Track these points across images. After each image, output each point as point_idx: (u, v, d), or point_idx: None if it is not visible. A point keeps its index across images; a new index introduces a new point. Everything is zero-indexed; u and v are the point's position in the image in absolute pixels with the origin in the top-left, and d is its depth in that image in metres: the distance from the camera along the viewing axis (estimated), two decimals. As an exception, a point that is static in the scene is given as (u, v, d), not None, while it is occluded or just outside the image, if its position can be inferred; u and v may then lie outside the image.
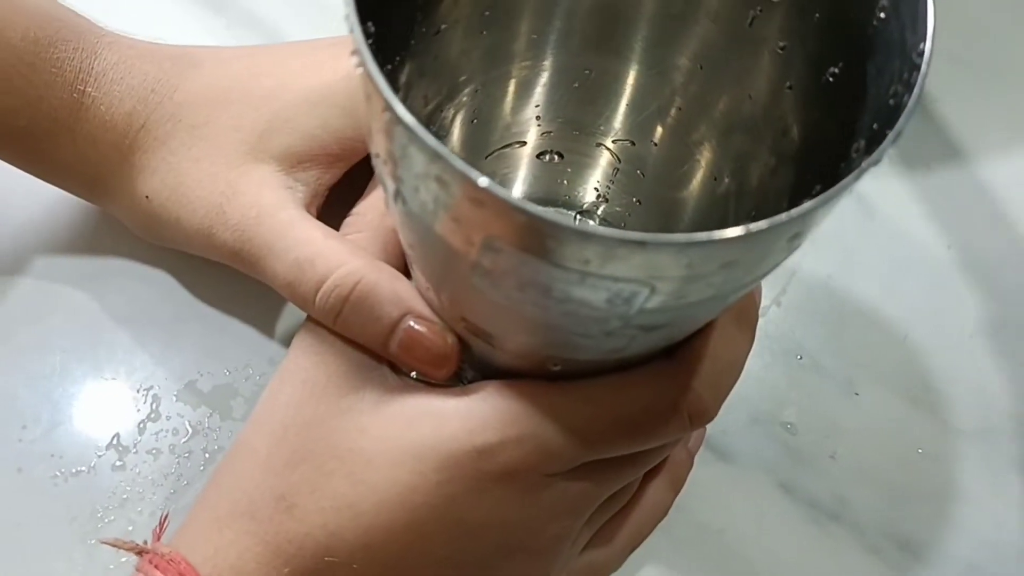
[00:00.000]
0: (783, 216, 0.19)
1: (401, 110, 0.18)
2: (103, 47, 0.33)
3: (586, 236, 0.18)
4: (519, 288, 0.21)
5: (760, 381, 0.39)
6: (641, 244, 0.18)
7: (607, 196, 0.38)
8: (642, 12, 0.30)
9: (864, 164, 0.19)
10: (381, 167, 0.22)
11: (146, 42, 0.34)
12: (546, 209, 0.18)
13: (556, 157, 0.37)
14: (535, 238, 0.19)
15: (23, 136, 0.32)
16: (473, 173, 0.18)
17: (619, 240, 0.18)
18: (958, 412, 0.39)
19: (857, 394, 0.39)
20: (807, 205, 0.19)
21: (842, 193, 0.19)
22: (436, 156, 0.18)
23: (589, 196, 0.38)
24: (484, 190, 0.18)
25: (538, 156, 0.37)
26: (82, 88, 0.32)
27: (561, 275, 0.20)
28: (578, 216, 0.39)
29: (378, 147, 0.22)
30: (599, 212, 0.38)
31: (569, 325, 0.23)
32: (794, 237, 0.20)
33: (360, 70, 0.20)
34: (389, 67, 0.27)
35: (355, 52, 0.20)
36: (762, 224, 0.18)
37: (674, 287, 0.20)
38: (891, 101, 0.22)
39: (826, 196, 0.19)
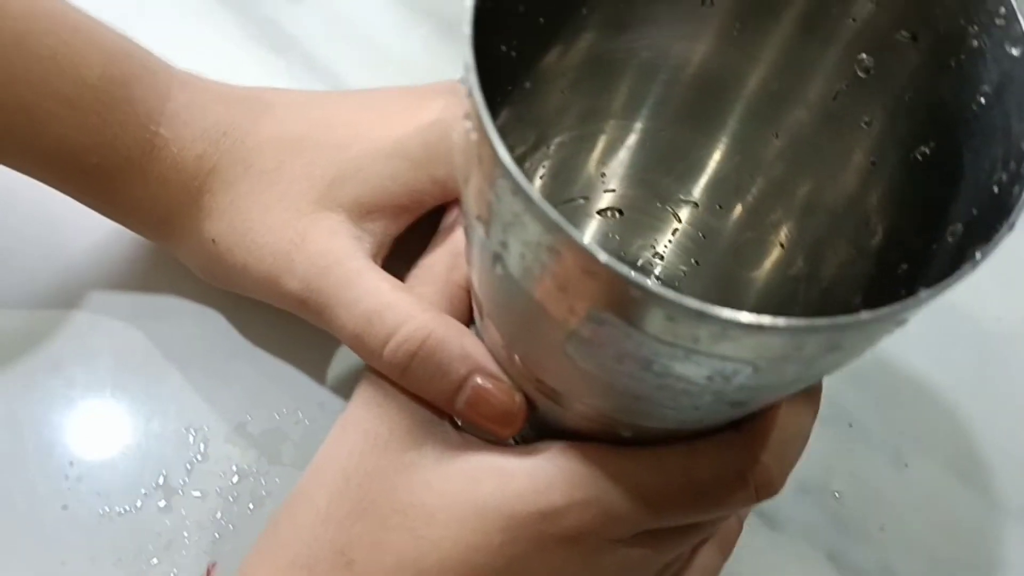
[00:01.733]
0: (897, 305, 0.18)
1: (521, 178, 0.18)
2: (176, 87, 0.33)
3: (702, 316, 0.18)
4: (617, 359, 0.21)
5: (808, 448, 0.38)
6: (757, 327, 0.18)
7: (663, 255, 0.38)
8: (743, 89, 0.30)
9: (979, 257, 0.19)
10: (479, 228, 0.22)
11: (218, 83, 0.34)
12: (663, 287, 0.18)
13: (617, 214, 0.37)
14: (647, 314, 0.19)
15: (94, 174, 0.32)
16: (593, 247, 0.18)
17: (734, 322, 0.18)
18: (1007, 488, 0.39)
19: (907, 465, 0.39)
20: (922, 295, 0.19)
21: (957, 282, 0.19)
22: (554, 227, 0.18)
23: (644, 253, 0.38)
24: (604, 265, 0.18)
25: (598, 212, 0.37)
26: (155, 128, 0.32)
27: (666, 351, 0.20)
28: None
29: (480, 210, 0.21)
30: (656, 272, 0.38)
31: (659, 397, 0.22)
32: (900, 323, 0.20)
33: (474, 135, 0.20)
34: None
35: (469, 116, 0.20)
36: (882, 311, 0.18)
37: (776, 366, 0.20)
38: (995, 188, 0.22)
39: (941, 286, 0.19)
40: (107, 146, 0.31)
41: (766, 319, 0.18)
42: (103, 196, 0.33)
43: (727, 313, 0.18)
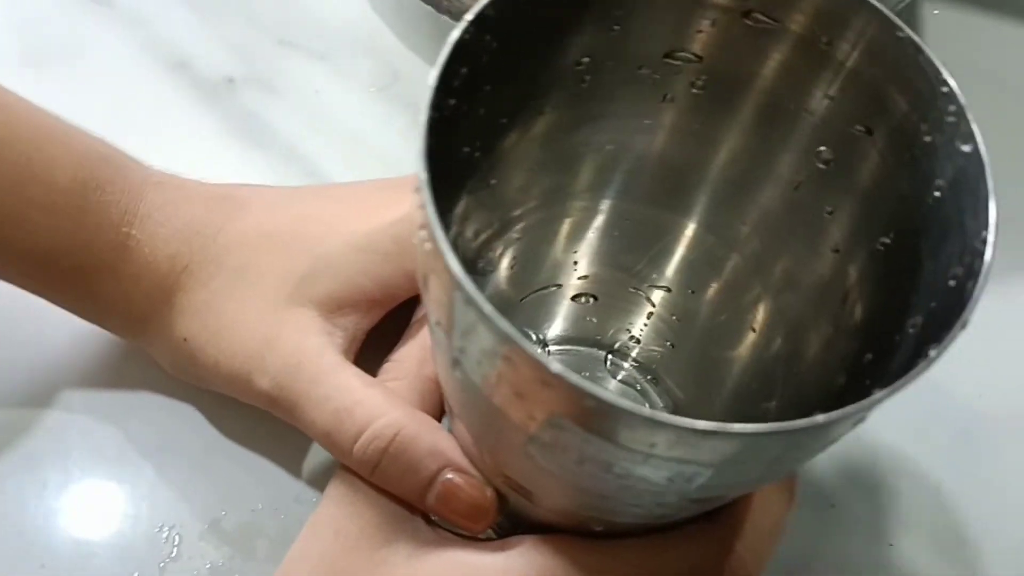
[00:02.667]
0: (852, 408, 0.18)
1: (473, 291, 0.18)
2: (149, 188, 0.33)
3: (655, 424, 0.18)
4: (578, 463, 0.21)
5: (791, 529, 0.38)
6: (713, 433, 0.18)
7: (639, 338, 0.38)
8: (707, 174, 0.30)
9: (933, 355, 0.19)
10: (440, 335, 0.22)
11: (193, 181, 0.35)
12: (616, 396, 0.18)
13: (591, 300, 0.37)
14: (603, 422, 0.19)
15: (68, 275, 0.32)
16: (544, 359, 0.18)
17: (689, 429, 0.18)
18: (993, 565, 0.38)
19: (891, 544, 0.38)
20: (876, 396, 0.19)
21: (911, 382, 0.19)
22: (507, 338, 0.18)
23: (621, 336, 0.38)
24: (555, 375, 0.18)
25: (572, 298, 0.37)
26: (127, 230, 0.32)
27: (625, 455, 0.20)
28: (609, 357, 0.39)
29: (439, 315, 0.22)
30: (632, 355, 0.38)
31: (623, 496, 0.22)
32: (858, 421, 0.20)
33: (428, 246, 0.20)
34: (444, 207, 0.27)
35: (423, 226, 0.20)
36: (834, 415, 0.18)
37: (736, 467, 0.20)
38: (951, 282, 0.22)
39: (895, 387, 0.19)
40: (81, 249, 0.31)
41: (719, 426, 0.18)
42: (77, 297, 0.33)
43: (680, 421, 0.18)
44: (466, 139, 0.26)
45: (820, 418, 0.18)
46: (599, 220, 0.33)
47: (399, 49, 0.48)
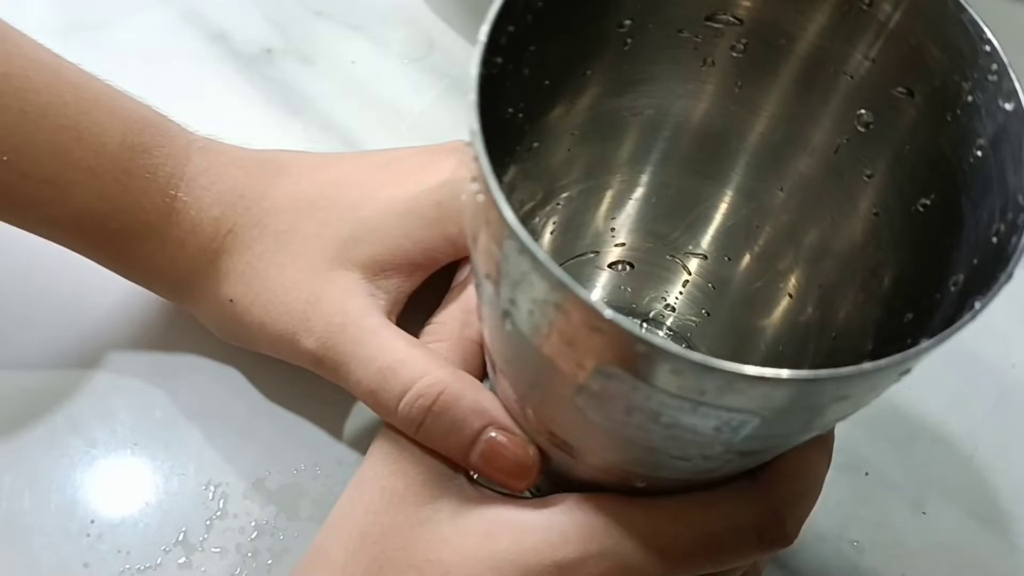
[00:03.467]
0: (899, 356, 0.19)
1: (527, 238, 0.19)
2: (194, 152, 0.34)
3: (706, 369, 0.18)
4: (626, 412, 0.21)
5: (825, 496, 0.38)
6: (761, 379, 0.18)
7: (674, 306, 0.38)
8: (745, 140, 0.30)
9: (978, 306, 0.20)
10: (488, 287, 0.23)
11: (235, 147, 0.35)
12: (667, 341, 0.18)
13: (627, 267, 0.37)
14: (652, 367, 0.19)
15: (114, 238, 0.33)
16: (598, 304, 0.18)
17: (738, 375, 0.18)
18: (1026, 533, 0.39)
19: (925, 512, 0.38)
20: (923, 344, 0.19)
21: (958, 332, 0.19)
22: (560, 285, 0.19)
23: (656, 304, 0.39)
24: (608, 321, 0.18)
25: (609, 266, 0.37)
26: (173, 193, 0.33)
27: (674, 403, 0.20)
28: (644, 325, 0.39)
29: (488, 268, 0.22)
30: (668, 323, 0.38)
31: (669, 448, 0.23)
32: (904, 372, 0.20)
33: (481, 197, 0.20)
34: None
35: (476, 179, 0.20)
36: (882, 363, 0.19)
37: (783, 417, 0.21)
38: (994, 239, 0.22)
39: (942, 336, 0.19)
40: (128, 211, 0.32)
41: (769, 372, 0.18)
42: (124, 259, 0.34)
43: (731, 366, 0.18)
44: (510, 100, 0.26)
45: (868, 365, 0.18)
46: (639, 189, 0.34)
47: (433, 20, 0.49)
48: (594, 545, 0.27)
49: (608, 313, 0.18)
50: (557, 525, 0.27)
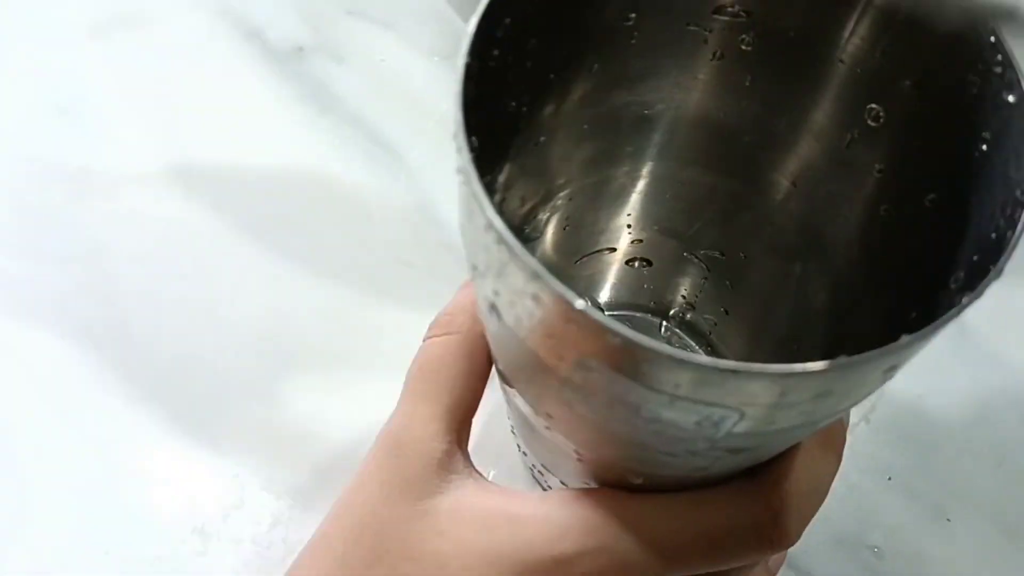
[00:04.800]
0: (876, 352, 0.18)
1: (503, 229, 0.19)
2: None
3: (679, 362, 0.18)
4: (608, 406, 0.21)
5: (845, 500, 0.38)
6: (734, 372, 0.18)
7: (694, 304, 0.38)
8: (744, 129, 0.30)
9: (965, 301, 0.19)
10: (478, 280, 0.23)
11: None
12: (640, 334, 0.18)
13: (645, 265, 0.37)
14: (627, 360, 0.19)
15: None
16: (570, 295, 0.18)
17: (711, 368, 0.18)
18: (1056, 545, 0.37)
19: (949, 520, 0.38)
20: (903, 341, 0.19)
21: (940, 329, 0.19)
22: (535, 275, 0.19)
23: (676, 303, 0.38)
24: (580, 312, 0.18)
25: (627, 263, 0.37)
26: None
27: (651, 397, 0.20)
28: (664, 324, 0.39)
29: (476, 260, 0.22)
30: (687, 318, 0.38)
31: (655, 443, 0.23)
32: (889, 369, 0.20)
33: (465, 188, 0.20)
34: (489, 173, 0.27)
35: (460, 170, 0.21)
36: (856, 358, 0.18)
37: (764, 413, 0.20)
38: (993, 235, 0.21)
39: (923, 333, 0.19)
40: None
41: (741, 365, 0.18)
42: None
43: (702, 359, 0.18)
44: (513, 93, 0.26)
45: (842, 360, 0.18)
46: (650, 184, 0.34)
47: (463, 18, 0.49)
48: (591, 540, 0.27)
49: (579, 304, 0.18)
50: (555, 519, 0.27)
